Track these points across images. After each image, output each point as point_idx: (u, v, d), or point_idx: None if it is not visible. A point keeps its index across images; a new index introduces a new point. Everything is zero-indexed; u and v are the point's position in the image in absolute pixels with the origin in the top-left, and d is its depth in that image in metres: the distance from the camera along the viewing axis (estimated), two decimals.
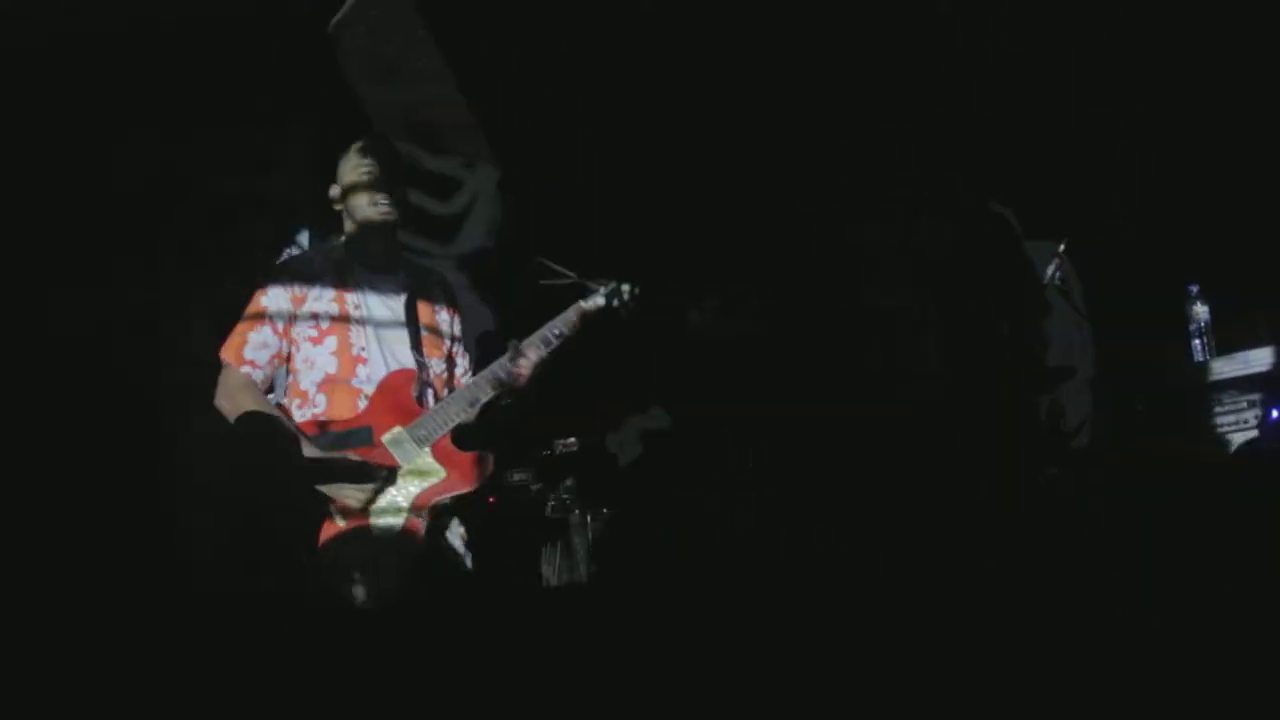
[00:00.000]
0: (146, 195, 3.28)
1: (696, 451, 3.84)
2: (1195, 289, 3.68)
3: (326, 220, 2.96)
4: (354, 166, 2.80)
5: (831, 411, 3.05)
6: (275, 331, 2.72)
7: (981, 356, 2.85)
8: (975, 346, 2.85)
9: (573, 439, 3.81)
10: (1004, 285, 2.88)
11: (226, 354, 2.71)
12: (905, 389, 2.84)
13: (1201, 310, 3.66)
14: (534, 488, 3.76)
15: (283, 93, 3.63)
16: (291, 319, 2.73)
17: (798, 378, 3.18)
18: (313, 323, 2.73)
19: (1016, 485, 3.02)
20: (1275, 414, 3.37)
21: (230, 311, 2.79)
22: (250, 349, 2.70)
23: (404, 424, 2.69)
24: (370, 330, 2.76)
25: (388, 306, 2.82)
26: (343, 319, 2.76)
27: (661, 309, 3.24)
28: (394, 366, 2.74)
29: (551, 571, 3.63)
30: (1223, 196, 3.91)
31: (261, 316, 2.72)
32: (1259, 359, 3.44)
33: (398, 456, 2.67)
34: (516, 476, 3.77)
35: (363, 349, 2.73)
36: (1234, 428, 3.42)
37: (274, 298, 2.73)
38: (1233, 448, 3.36)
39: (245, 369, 2.69)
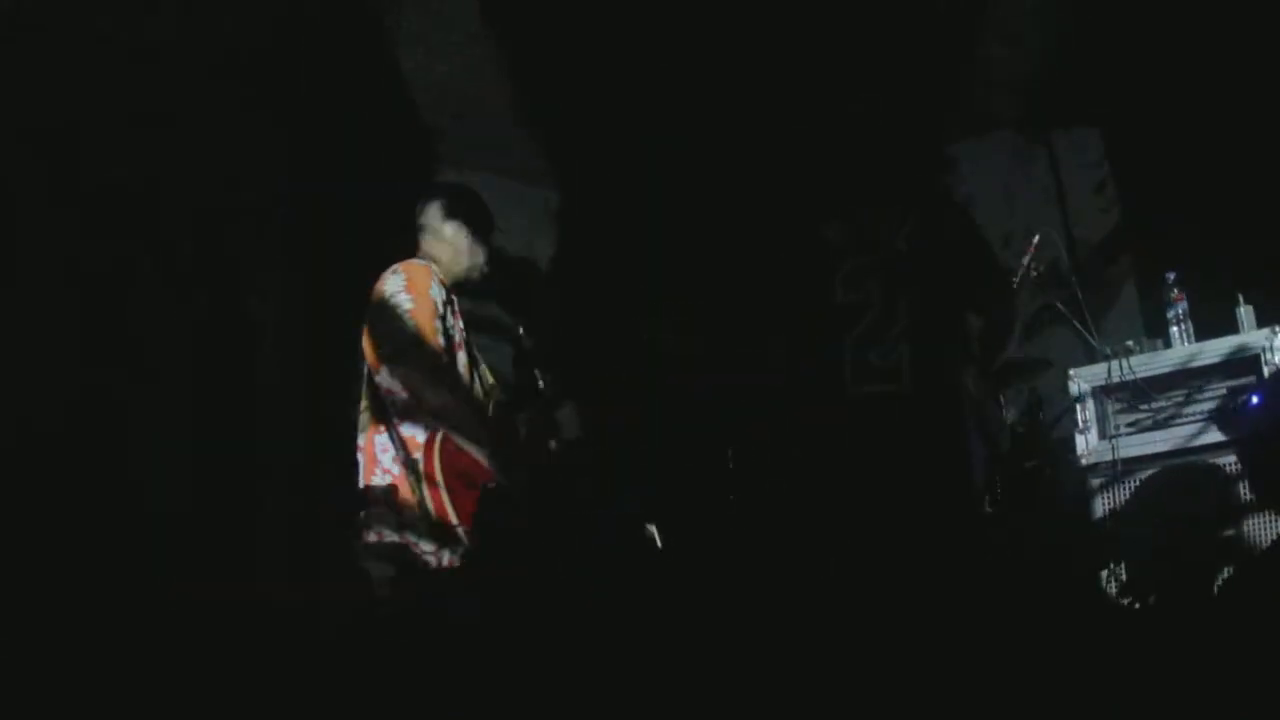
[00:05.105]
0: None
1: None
2: (1172, 276, 3.65)
3: None
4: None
5: (809, 412, 3.05)
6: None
7: (951, 350, 2.83)
8: (944, 341, 2.83)
9: None
10: (972, 277, 2.86)
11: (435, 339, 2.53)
12: (875, 385, 2.83)
13: (1179, 297, 3.63)
14: None
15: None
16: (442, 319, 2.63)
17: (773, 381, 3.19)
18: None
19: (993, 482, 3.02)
20: (1255, 399, 3.36)
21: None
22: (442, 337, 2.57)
23: None
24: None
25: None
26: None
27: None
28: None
29: None
30: (1203, 183, 3.90)
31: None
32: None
33: None
34: None
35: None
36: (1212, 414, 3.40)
37: (438, 291, 2.65)
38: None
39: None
